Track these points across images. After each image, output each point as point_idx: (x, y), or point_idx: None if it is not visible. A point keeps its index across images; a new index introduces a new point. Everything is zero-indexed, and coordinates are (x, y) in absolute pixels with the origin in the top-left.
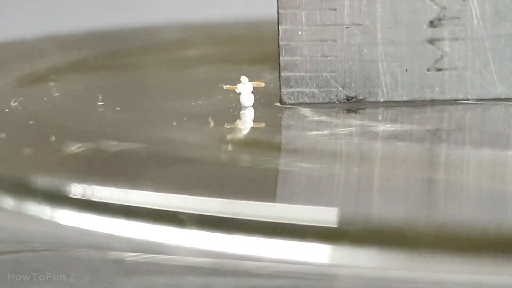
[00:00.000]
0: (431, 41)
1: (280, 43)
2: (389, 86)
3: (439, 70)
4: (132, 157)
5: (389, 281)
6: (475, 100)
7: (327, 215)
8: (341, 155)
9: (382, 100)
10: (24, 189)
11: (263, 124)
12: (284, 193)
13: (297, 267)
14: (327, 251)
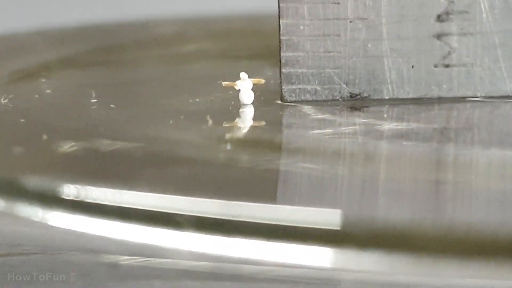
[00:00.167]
0: (439, 36)
1: (281, 38)
2: (395, 83)
3: (447, 66)
4: (127, 157)
5: (395, 286)
6: (484, 97)
7: (330, 217)
8: (345, 155)
9: (387, 97)
10: (14, 190)
11: (263, 122)
12: (285, 194)
13: (299, 271)
14: (330, 255)
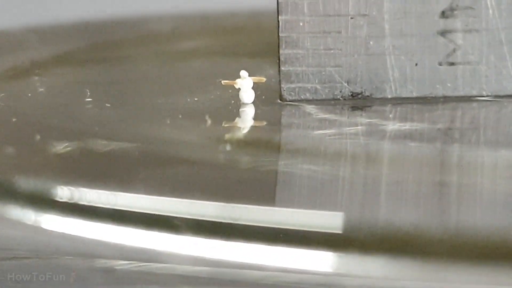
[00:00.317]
0: (443, 33)
1: (280, 35)
2: (398, 81)
3: (452, 64)
4: (122, 158)
5: None
6: (490, 96)
7: (333, 221)
8: (348, 156)
9: (390, 96)
10: (6, 192)
11: (264, 122)
12: (287, 196)
13: (301, 277)
14: (334, 260)
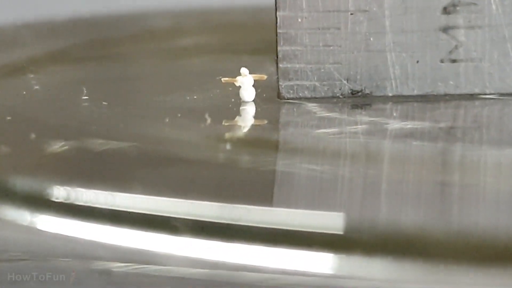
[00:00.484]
0: (445, 30)
1: (278, 31)
2: (399, 79)
3: (454, 61)
4: (120, 157)
5: None
6: (493, 94)
7: (335, 221)
8: (352, 156)
9: (390, 94)
10: (0, 192)
11: (265, 121)
12: (288, 197)
13: (302, 279)
14: (335, 261)
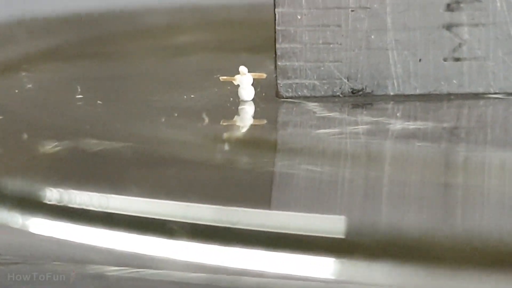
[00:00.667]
0: (448, 27)
1: (276, 28)
2: (400, 77)
3: (457, 60)
4: (115, 158)
5: None
6: (498, 93)
7: (337, 225)
8: (350, 157)
9: (392, 93)
10: None
11: (264, 121)
12: (288, 200)
13: (302, 284)
14: (337, 266)
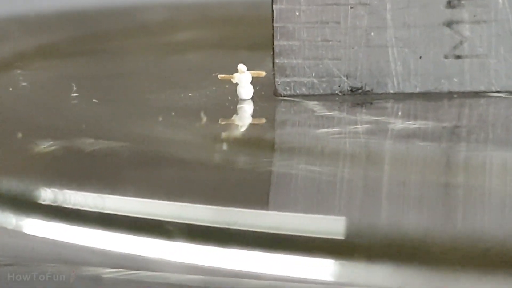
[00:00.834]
0: (449, 24)
1: (274, 25)
2: (400, 75)
3: (458, 57)
4: (111, 158)
5: None
6: (499, 92)
7: (336, 226)
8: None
9: (392, 92)
10: None
11: (263, 120)
12: (287, 200)
13: (301, 286)
14: (335, 267)
